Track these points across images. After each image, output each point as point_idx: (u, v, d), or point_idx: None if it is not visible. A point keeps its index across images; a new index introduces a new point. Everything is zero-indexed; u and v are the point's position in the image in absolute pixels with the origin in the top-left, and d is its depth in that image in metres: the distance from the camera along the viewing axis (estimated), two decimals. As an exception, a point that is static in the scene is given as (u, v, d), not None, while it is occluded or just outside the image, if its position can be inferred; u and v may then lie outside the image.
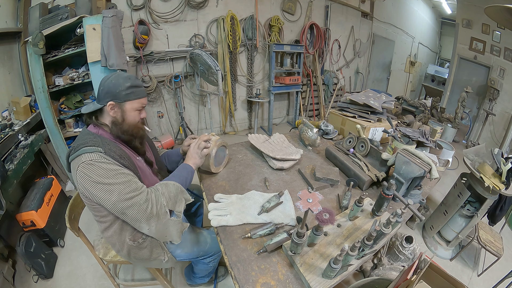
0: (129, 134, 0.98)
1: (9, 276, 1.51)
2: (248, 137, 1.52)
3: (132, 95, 0.95)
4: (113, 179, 0.83)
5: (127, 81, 0.94)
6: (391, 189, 0.92)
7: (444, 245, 1.94)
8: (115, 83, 0.93)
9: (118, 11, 2.20)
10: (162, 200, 0.90)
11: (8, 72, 2.17)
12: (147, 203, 0.86)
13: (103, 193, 0.82)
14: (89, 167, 0.82)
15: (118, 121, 0.96)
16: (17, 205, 1.73)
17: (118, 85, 0.93)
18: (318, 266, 0.81)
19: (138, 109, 0.99)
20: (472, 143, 3.98)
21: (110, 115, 0.95)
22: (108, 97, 0.93)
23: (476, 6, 3.72)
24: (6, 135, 1.75)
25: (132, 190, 0.85)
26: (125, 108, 0.96)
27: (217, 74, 2.62)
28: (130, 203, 0.84)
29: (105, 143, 0.89)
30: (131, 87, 0.95)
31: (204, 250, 1.24)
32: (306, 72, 4.15)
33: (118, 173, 0.85)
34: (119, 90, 0.92)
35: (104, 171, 0.83)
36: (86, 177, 0.82)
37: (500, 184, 1.47)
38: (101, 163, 0.83)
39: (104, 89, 0.93)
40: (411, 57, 6.49)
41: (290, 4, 3.67)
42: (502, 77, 3.70)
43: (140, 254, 1.06)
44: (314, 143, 1.59)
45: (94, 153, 0.84)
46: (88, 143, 0.86)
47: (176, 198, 0.96)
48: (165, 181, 0.97)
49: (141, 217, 0.86)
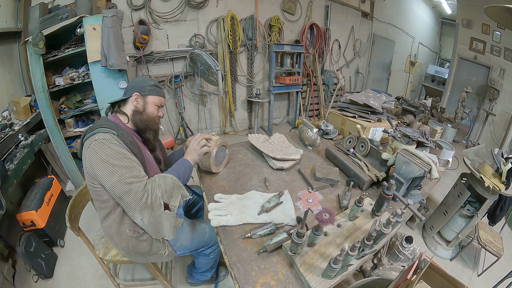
0: (146, 125, 1.08)
1: (9, 276, 1.51)
2: (248, 137, 1.52)
3: (155, 92, 1.11)
4: (118, 161, 0.87)
5: (152, 81, 1.13)
6: (391, 189, 0.92)
7: (444, 245, 1.94)
8: (141, 80, 1.11)
9: (118, 11, 2.20)
10: (158, 192, 0.91)
11: (8, 72, 2.17)
12: (143, 192, 0.87)
13: (105, 172, 0.86)
14: (99, 145, 0.87)
15: (139, 110, 1.07)
16: (17, 205, 1.73)
17: (144, 81, 1.11)
18: (318, 266, 0.81)
19: (157, 105, 1.12)
20: (472, 143, 3.98)
21: (133, 105, 1.07)
22: (134, 90, 1.08)
23: (476, 6, 3.72)
24: (6, 135, 1.75)
25: (133, 176, 0.88)
26: (147, 100, 1.09)
27: (217, 74, 2.62)
28: (128, 188, 0.86)
29: (120, 129, 0.96)
30: (155, 86, 1.12)
31: (203, 240, 1.25)
32: (306, 72, 4.15)
33: (124, 156, 0.90)
34: (144, 85, 1.09)
35: (112, 152, 0.88)
36: (95, 154, 0.87)
37: (500, 184, 1.47)
38: (111, 144, 0.89)
39: (132, 84, 1.11)
40: (411, 57, 6.50)
41: (290, 4, 3.67)
42: (502, 77, 3.70)
43: (140, 247, 1.05)
44: (314, 143, 1.59)
45: (107, 134, 0.91)
46: (104, 125, 0.94)
47: (172, 192, 0.96)
48: (163, 174, 0.98)
49: (136, 205, 0.87)
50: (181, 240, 1.18)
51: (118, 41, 2.14)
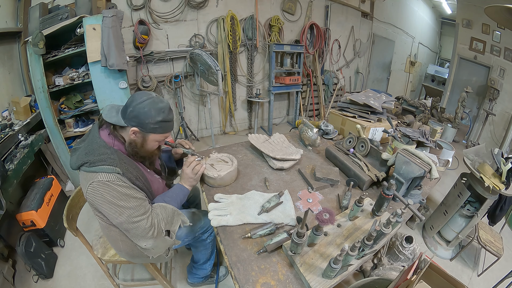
0: (142, 158, 1.00)
1: (9, 276, 1.51)
2: (248, 137, 1.52)
3: (159, 130, 0.93)
4: (126, 202, 0.86)
5: (160, 114, 0.90)
6: (391, 189, 0.92)
7: (444, 245, 1.94)
8: (146, 112, 0.88)
9: (118, 11, 2.20)
10: (162, 225, 0.96)
11: (8, 72, 2.17)
12: (150, 227, 0.92)
13: (113, 212, 0.86)
14: (104, 187, 0.83)
15: (136, 145, 0.94)
16: (17, 205, 1.73)
17: (149, 116, 0.88)
18: (318, 266, 0.81)
19: (159, 141, 0.99)
20: (472, 143, 3.98)
21: (129, 136, 0.93)
22: (134, 122, 0.89)
23: (476, 6, 3.72)
24: (6, 135, 1.75)
25: (141, 214, 0.89)
26: (148, 138, 0.94)
27: (217, 74, 2.62)
28: (136, 225, 0.89)
29: (123, 162, 0.89)
30: (162, 122, 0.91)
31: (200, 225, 1.27)
32: (306, 72, 4.15)
33: (131, 197, 0.88)
34: (148, 121, 0.89)
35: (119, 194, 0.85)
36: (100, 195, 0.84)
37: (500, 184, 1.47)
38: (117, 186, 0.85)
39: (134, 111, 0.88)
40: (411, 57, 6.49)
41: (290, 4, 3.66)
42: (502, 77, 3.70)
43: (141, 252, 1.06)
44: (314, 143, 1.59)
45: (112, 174, 0.85)
46: (106, 161, 0.85)
47: (173, 220, 1.02)
48: (163, 204, 1.01)
49: (142, 238, 0.93)
50: (180, 230, 1.20)
51: (118, 41, 2.14)
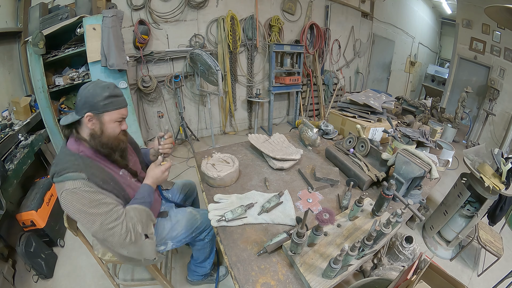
0: (108, 148, 0.94)
1: (9, 276, 1.51)
2: (248, 137, 1.52)
3: (111, 106, 0.90)
4: (96, 209, 0.84)
5: (105, 90, 0.88)
6: (391, 189, 0.92)
7: (444, 245, 1.94)
8: (92, 93, 0.87)
9: (118, 11, 2.20)
10: (138, 228, 0.93)
11: (8, 72, 2.17)
12: (126, 233, 0.89)
13: (85, 221, 0.85)
14: (73, 195, 0.82)
15: (96, 133, 0.91)
16: (17, 205, 1.73)
17: (96, 95, 0.87)
18: (318, 266, 0.81)
19: (117, 120, 0.94)
20: (472, 143, 3.98)
21: (88, 127, 0.90)
22: (85, 108, 0.87)
23: (476, 6, 3.72)
24: (6, 135, 1.75)
25: (113, 220, 0.86)
26: (104, 119, 0.90)
27: (217, 74, 2.62)
28: (111, 232, 0.86)
29: (88, 166, 0.87)
30: (110, 97, 0.89)
31: (196, 226, 1.26)
32: (306, 72, 4.15)
33: (101, 203, 0.85)
34: (96, 100, 0.87)
35: (87, 201, 0.83)
36: (71, 205, 0.83)
37: (500, 184, 1.47)
38: (84, 192, 0.83)
39: (82, 99, 0.87)
40: (411, 57, 6.49)
41: (290, 4, 3.66)
42: (502, 77, 3.69)
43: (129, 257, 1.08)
44: (314, 143, 1.59)
45: (77, 181, 0.82)
46: (71, 168, 0.83)
47: (147, 222, 0.99)
48: (136, 205, 0.97)
49: (121, 245, 0.90)
50: (177, 230, 1.21)
51: (118, 41, 2.14)
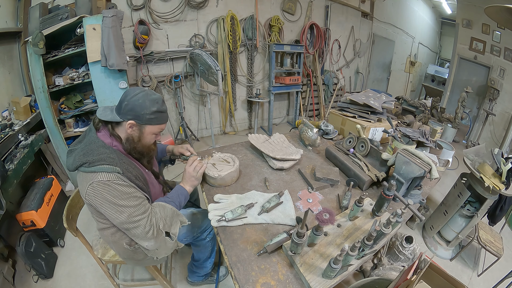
0: (140, 153, 1.00)
1: (9, 276, 1.51)
2: (248, 137, 1.52)
3: (155, 121, 0.95)
4: (126, 201, 0.86)
5: (154, 105, 0.92)
6: (392, 190, 0.92)
7: (444, 245, 1.94)
8: (141, 104, 0.90)
9: (118, 11, 2.20)
10: (160, 224, 0.95)
11: (8, 72, 2.17)
12: (150, 226, 0.91)
13: (113, 211, 0.86)
14: (105, 187, 0.83)
15: (133, 140, 0.96)
16: (17, 205, 1.73)
17: (144, 107, 0.90)
18: (318, 266, 0.81)
19: (156, 133, 1.00)
20: (472, 143, 3.98)
21: (126, 131, 0.94)
22: (130, 115, 0.91)
23: (476, 6, 3.72)
24: (6, 135, 1.75)
25: (141, 213, 0.89)
26: (144, 130, 0.95)
27: (217, 74, 2.62)
28: (137, 224, 0.89)
29: (122, 162, 0.90)
30: (156, 112, 0.93)
31: (198, 225, 1.27)
32: (306, 72, 4.15)
33: (132, 196, 0.88)
34: (144, 112, 0.91)
35: (119, 193, 0.85)
36: (100, 195, 0.84)
37: (500, 184, 1.47)
38: (117, 185, 0.85)
39: (129, 105, 0.90)
40: (411, 57, 6.49)
41: (290, 4, 3.66)
42: (502, 77, 3.69)
43: (135, 256, 1.10)
44: (314, 143, 1.59)
45: (112, 174, 0.85)
46: (106, 161, 0.85)
47: (172, 221, 1.01)
48: (162, 203, 1.00)
49: (143, 237, 0.91)
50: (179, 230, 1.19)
51: (118, 41, 2.14)
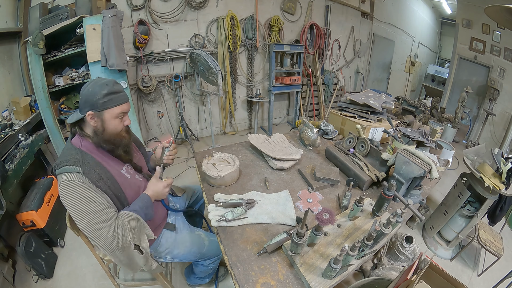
0: (111, 143, 0.96)
1: (9, 276, 1.51)
2: (248, 137, 1.52)
3: (110, 103, 0.91)
4: (85, 206, 0.84)
5: (104, 88, 0.89)
6: (392, 190, 0.92)
7: (444, 245, 1.94)
8: (91, 92, 0.89)
9: (118, 11, 2.20)
10: (128, 235, 0.90)
11: (8, 72, 2.17)
12: (113, 238, 0.86)
13: (75, 216, 0.85)
14: (66, 188, 0.83)
15: (99, 130, 0.93)
16: (17, 205, 1.73)
17: (95, 93, 0.88)
18: (318, 266, 0.81)
19: (119, 116, 0.95)
20: (472, 143, 3.98)
21: (91, 125, 0.93)
22: (86, 107, 0.89)
23: (476, 6, 3.72)
24: (6, 135, 1.75)
25: (101, 221, 0.85)
26: (104, 117, 0.92)
27: (217, 74, 2.62)
28: (98, 233, 0.85)
29: (86, 161, 0.89)
30: (108, 94, 0.90)
31: (202, 252, 1.22)
32: (306, 72, 4.15)
33: (91, 200, 0.85)
34: (96, 98, 0.88)
35: (79, 196, 0.84)
36: (65, 197, 0.84)
37: (500, 184, 1.47)
38: (77, 187, 0.84)
39: (83, 98, 0.90)
40: (411, 57, 6.49)
41: (290, 4, 3.66)
42: (502, 77, 3.69)
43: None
44: (314, 143, 1.59)
45: (72, 174, 0.85)
46: (69, 161, 0.86)
47: (140, 232, 0.97)
48: (131, 212, 0.95)
49: (106, 249, 0.87)
50: (179, 249, 1.17)
51: (118, 41, 2.14)
